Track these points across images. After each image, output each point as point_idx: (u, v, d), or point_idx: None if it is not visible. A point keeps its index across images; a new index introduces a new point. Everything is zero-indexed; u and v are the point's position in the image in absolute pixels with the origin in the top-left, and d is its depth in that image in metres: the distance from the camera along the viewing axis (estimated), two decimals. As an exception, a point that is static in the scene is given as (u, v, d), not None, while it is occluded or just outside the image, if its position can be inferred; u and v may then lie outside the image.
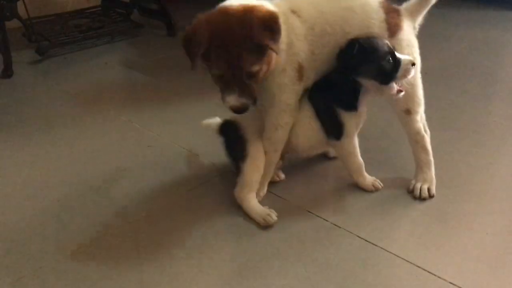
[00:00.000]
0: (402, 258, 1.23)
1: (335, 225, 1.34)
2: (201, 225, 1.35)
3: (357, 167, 1.46)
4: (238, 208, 1.40)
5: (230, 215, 1.39)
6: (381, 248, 1.26)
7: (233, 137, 1.43)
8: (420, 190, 1.44)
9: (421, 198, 1.43)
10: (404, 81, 1.34)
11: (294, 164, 1.61)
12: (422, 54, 1.42)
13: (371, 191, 1.47)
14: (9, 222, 1.37)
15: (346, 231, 1.32)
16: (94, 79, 2.27)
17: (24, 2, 2.37)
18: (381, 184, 1.47)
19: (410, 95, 1.39)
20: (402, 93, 1.33)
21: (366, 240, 1.29)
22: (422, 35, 1.44)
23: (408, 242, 1.29)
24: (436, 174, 1.46)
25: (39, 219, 1.38)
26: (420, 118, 1.46)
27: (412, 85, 1.39)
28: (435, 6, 1.38)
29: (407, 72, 1.30)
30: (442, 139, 1.73)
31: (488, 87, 2.15)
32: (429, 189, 1.45)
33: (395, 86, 1.32)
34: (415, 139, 1.46)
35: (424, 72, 1.43)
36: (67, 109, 1.99)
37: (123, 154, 1.68)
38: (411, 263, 1.21)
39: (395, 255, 1.24)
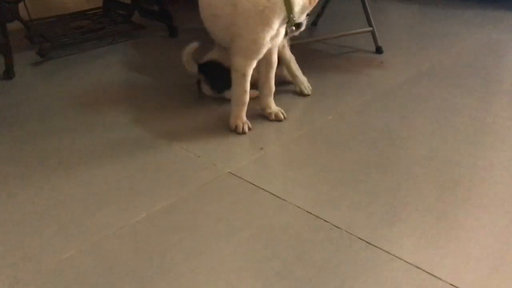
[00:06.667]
0: (402, 259, 1.23)
1: (335, 226, 1.34)
2: (201, 226, 1.36)
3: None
4: (238, 209, 1.40)
5: (230, 216, 1.39)
6: (381, 249, 1.26)
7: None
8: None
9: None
10: None
11: (293, 163, 1.61)
12: (422, 54, 1.42)
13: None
14: (8, 223, 1.38)
15: (346, 232, 1.32)
16: (95, 81, 2.27)
17: (25, 3, 2.38)
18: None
19: None
20: None
21: (365, 241, 1.29)
22: (423, 35, 1.44)
23: (407, 243, 1.29)
24: (436, 174, 1.46)
25: (38, 219, 1.39)
26: None
27: None
28: (436, 6, 1.38)
29: None
30: (442, 139, 1.73)
31: (488, 87, 2.15)
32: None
33: None
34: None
35: (424, 72, 1.43)
36: (68, 110, 2.00)
37: (124, 155, 1.68)
38: (410, 264, 1.21)
39: (394, 256, 1.24)
